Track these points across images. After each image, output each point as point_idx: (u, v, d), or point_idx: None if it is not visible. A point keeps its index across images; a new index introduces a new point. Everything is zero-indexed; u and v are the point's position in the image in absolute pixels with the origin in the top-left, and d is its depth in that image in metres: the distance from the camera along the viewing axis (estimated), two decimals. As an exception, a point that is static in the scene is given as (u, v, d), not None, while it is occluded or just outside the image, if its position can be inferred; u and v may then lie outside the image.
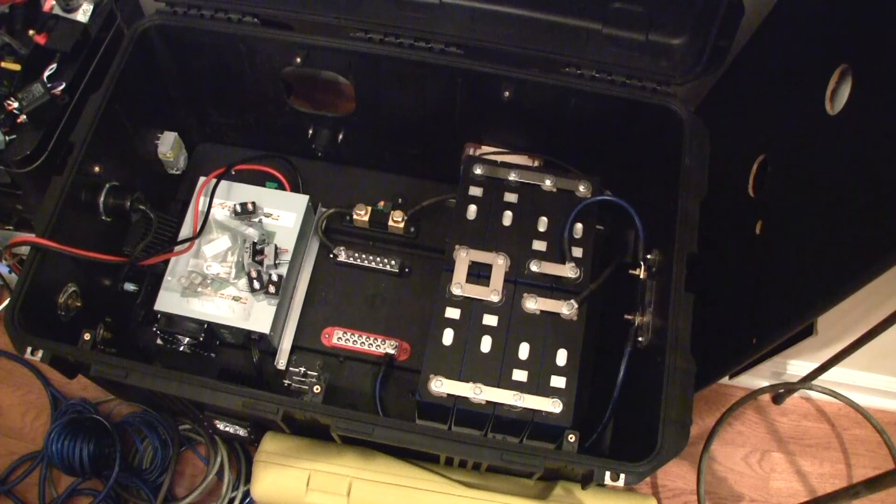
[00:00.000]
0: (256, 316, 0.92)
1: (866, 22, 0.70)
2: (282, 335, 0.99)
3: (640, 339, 0.85)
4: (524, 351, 0.82)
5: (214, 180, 0.99)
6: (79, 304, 0.87)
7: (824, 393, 1.08)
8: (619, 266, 0.91)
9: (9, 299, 0.79)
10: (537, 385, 0.81)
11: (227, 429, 0.92)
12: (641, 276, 0.87)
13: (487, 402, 0.80)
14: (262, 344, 0.96)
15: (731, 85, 0.95)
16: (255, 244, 0.94)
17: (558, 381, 0.81)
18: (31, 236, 0.80)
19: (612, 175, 0.95)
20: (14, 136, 0.85)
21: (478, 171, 0.91)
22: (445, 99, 0.95)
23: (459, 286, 0.85)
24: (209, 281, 0.93)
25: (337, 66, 0.95)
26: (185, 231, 0.96)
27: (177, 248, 0.94)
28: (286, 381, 0.97)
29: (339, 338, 0.99)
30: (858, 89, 0.69)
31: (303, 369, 0.97)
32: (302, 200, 0.99)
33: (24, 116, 0.85)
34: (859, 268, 0.63)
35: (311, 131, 1.05)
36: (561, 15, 0.90)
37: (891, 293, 0.81)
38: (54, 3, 0.91)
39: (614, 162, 0.97)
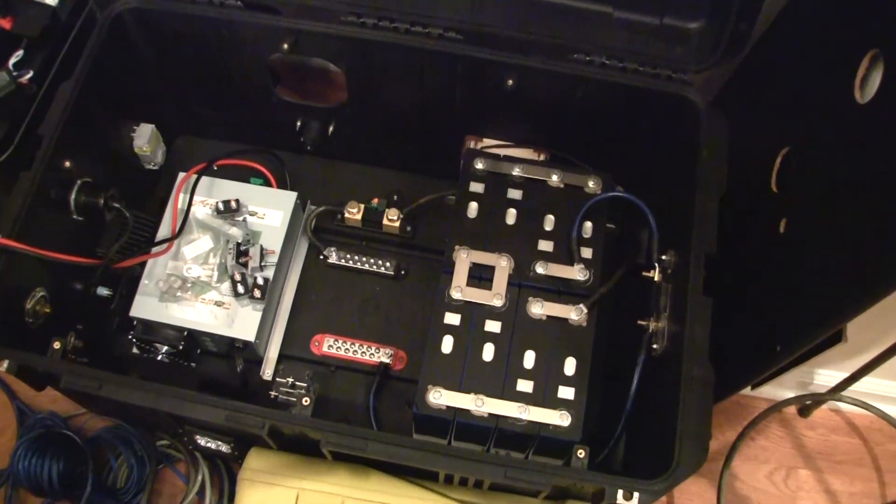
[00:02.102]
0: (241, 322, 0.92)
1: (898, 3, 0.70)
2: (268, 343, 0.98)
3: (654, 346, 0.85)
4: (529, 359, 0.82)
5: (195, 176, 0.99)
6: (48, 311, 0.87)
7: (855, 405, 1.07)
8: (632, 268, 0.91)
9: (-28, 305, 0.79)
10: (544, 396, 0.80)
11: (208, 444, 0.91)
12: (656, 279, 0.87)
13: (490, 414, 0.80)
14: (247, 353, 0.95)
15: (753, 72, 0.95)
16: (238, 245, 0.94)
17: (566, 392, 0.81)
18: (-4, 236, 0.80)
19: (623, 170, 0.95)
20: (-22, 129, 0.85)
21: (479, 165, 0.91)
22: (444, 88, 0.95)
23: (459, 290, 0.85)
24: (189, 285, 0.93)
25: (327, 53, 0.95)
26: (164, 231, 0.96)
27: (154, 250, 0.94)
28: (273, 393, 0.97)
29: (330, 346, 0.99)
30: (890, 76, 0.69)
31: (291, 380, 0.97)
32: (290, 198, 0.99)
33: (-11, 107, 0.85)
34: (892, 269, 0.63)
35: (299, 123, 1.05)
36: (568, -3, 0.90)
37: (925, 296, 0.80)
38: (22, -15, 0.91)
39: (626, 156, 0.97)
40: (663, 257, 0.87)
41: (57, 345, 0.82)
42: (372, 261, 1.03)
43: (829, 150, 0.77)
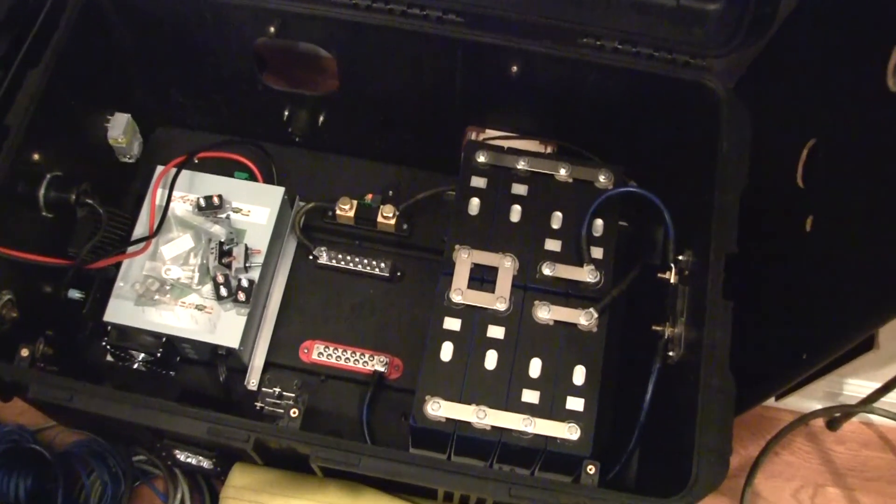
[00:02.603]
0: (223, 328, 0.92)
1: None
2: (253, 350, 0.98)
3: (670, 353, 0.85)
4: (535, 368, 0.82)
5: (174, 170, 0.99)
6: (15, 315, 0.87)
7: (888, 417, 1.07)
8: (646, 269, 0.91)
9: (-66, 309, 0.79)
10: (551, 408, 0.81)
11: (188, 460, 0.91)
12: (672, 281, 0.87)
13: (493, 427, 0.80)
14: (231, 360, 0.95)
15: (776, 58, 0.95)
16: (221, 244, 0.94)
17: (575, 403, 0.81)
18: (-41, 235, 0.80)
19: (637, 163, 0.95)
20: (-61, 119, 0.85)
21: (481, 158, 0.91)
22: (443, 75, 0.95)
23: (460, 293, 0.85)
24: (168, 287, 0.93)
25: (317, 37, 0.95)
26: (140, 229, 0.96)
27: (130, 249, 0.94)
28: (258, 404, 0.97)
29: (321, 353, 0.99)
30: (925, 62, 0.69)
31: (278, 390, 0.97)
32: (276, 193, 0.99)
33: (-48, 95, 0.85)
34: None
35: (287, 113, 1.05)
36: (578, -24, 0.90)
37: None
38: (-14, -37, 0.91)
39: (640, 148, 0.97)
40: (680, 257, 0.87)
41: (25, 352, 0.82)
42: (365, 261, 1.03)
43: (859, 141, 0.77)
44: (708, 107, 0.88)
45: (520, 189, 0.90)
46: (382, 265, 1.03)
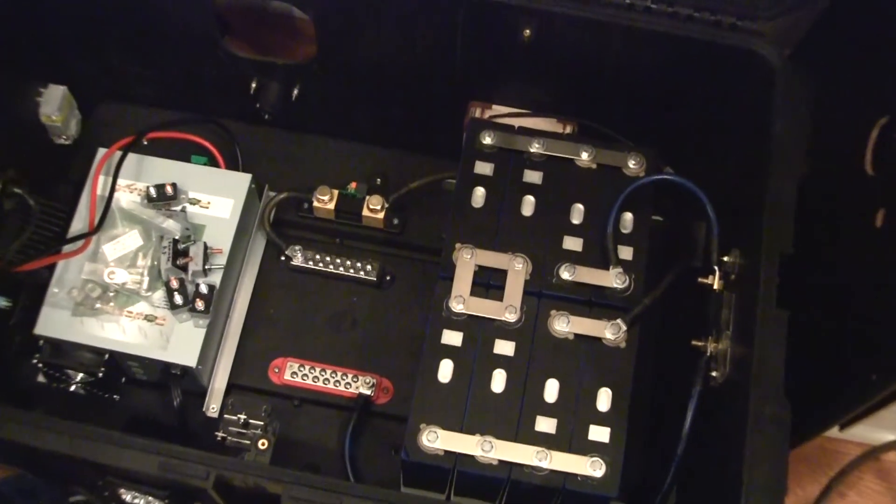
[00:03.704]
0: (178, 343, 0.92)
1: None
2: (214, 370, 0.99)
3: (713, 374, 0.85)
4: (552, 391, 0.82)
5: (119, 153, 0.99)
6: (-71, 327, 0.87)
7: (972, 450, 1.07)
8: (685, 272, 0.91)
9: None
10: (570, 439, 0.80)
11: (136, 501, 0.91)
12: (716, 287, 0.87)
13: (500, 462, 0.80)
14: (187, 382, 0.95)
15: (842, 20, 0.95)
16: (176, 242, 0.94)
17: (600, 434, 0.81)
18: None
19: (674, 146, 0.95)
20: None
21: (487, 140, 0.91)
22: (442, 41, 0.95)
23: (461, 300, 0.85)
24: (112, 294, 0.93)
25: (290, -6, 0.96)
26: (79, 224, 0.96)
27: (66, 249, 0.94)
28: (220, 434, 0.97)
29: (294, 373, 0.99)
30: None
31: (243, 417, 0.97)
32: (242, 182, 0.99)
33: None
34: None
35: (254, 85, 1.05)
36: (603, -78, 0.90)
37: None
38: None
39: (677, 128, 0.97)
40: (725, 259, 0.87)
41: (-60, 371, 0.82)
42: (348, 263, 1.03)
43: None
44: (759, 78, 0.88)
45: (533, 177, 0.90)
46: (368, 268, 1.03)
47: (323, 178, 1.05)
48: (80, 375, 0.94)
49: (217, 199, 0.98)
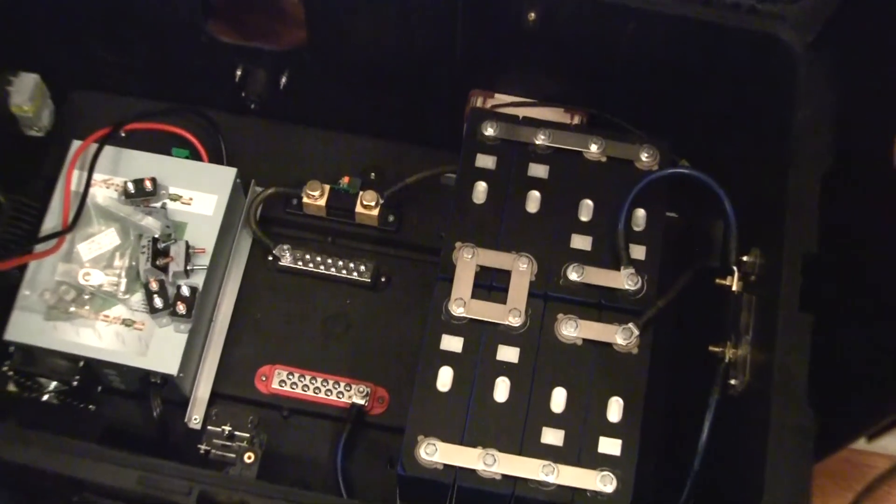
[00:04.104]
0: (158, 349, 0.92)
1: None
2: (196, 378, 0.98)
3: (732, 381, 0.85)
4: (559, 400, 0.82)
5: (95, 145, 0.99)
6: None
7: None
8: (702, 273, 0.91)
9: None
10: (579, 451, 0.81)
11: (113, 518, 0.91)
12: (734, 289, 0.87)
13: (504, 476, 0.80)
14: (168, 391, 0.95)
15: (867, 4, 0.95)
16: (156, 241, 0.94)
17: (610, 446, 0.81)
18: None
19: (689, 137, 0.95)
20: None
21: (489, 131, 0.91)
22: (441, 24, 0.95)
23: (462, 303, 0.85)
24: (87, 297, 0.93)
25: (278, -25, 0.96)
26: (52, 222, 0.96)
27: (37, 249, 0.94)
28: (203, 447, 0.97)
29: (283, 381, 0.99)
30: None
31: (228, 429, 0.97)
32: (226, 176, 0.99)
33: None
34: None
35: (240, 73, 1.05)
36: None
37: None
38: None
39: (692, 118, 0.97)
40: (744, 258, 0.87)
41: None
42: (340, 263, 1.03)
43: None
44: (780, 65, 0.88)
45: (539, 170, 0.90)
46: (362, 268, 1.03)
47: (313, 173, 1.05)
48: (54, 384, 0.94)
49: (200, 194, 0.98)
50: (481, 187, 0.90)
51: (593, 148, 0.91)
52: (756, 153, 0.92)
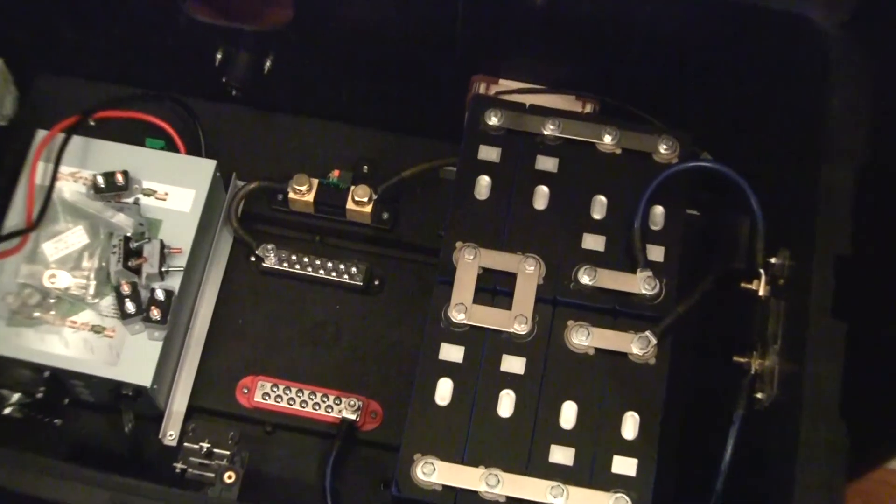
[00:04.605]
0: (130, 358, 0.92)
1: None
2: (172, 390, 0.98)
3: (758, 395, 0.85)
4: (569, 415, 0.82)
5: (62, 135, 0.99)
6: None
7: None
8: (725, 276, 0.91)
9: None
10: (591, 471, 0.80)
11: (81, 543, 0.91)
12: (761, 293, 0.87)
13: (508, 498, 0.80)
14: (141, 404, 0.95)
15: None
16: (128, 240, 0.94)
17: (625, 465, 0.81)
18: None
19: (711, 127, 0.95)
20: None
21: (493, 120, 0.91)
22: (441, 3, 0.95)
23: (463, 309, 0.85)
24: (53, 301, 0.93)
25: (263, -51, 0.96)
26: (14, 219, 0.96)
27: (-1, 247, 0.94)
28: (179, 465, 0.97)
29: (266, 394, 0.99)
30: None
31: (206, 446, 0.97)
32: (205, 169, 0.99)
33: None
34: None
35: (220, 56, 1.05)
36: None
37: None
38: None
39: (715, 106, 0.97)
40: (772, 260, 0.87)
41: None
42: (330, 265, 1.03)
43: None
44: (811, 49, 0.88)
45: (547, 163, 0.90)
46: (354, 270, 1.03)
47: (300, 165, 1.04)
48: (17, 396, 0.94)
49: (176, 189, 0.98)
50: (484, 182, 0.90)
51: (607, 139, 0.91)
52: (785, 145, 0.92)
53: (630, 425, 0.82)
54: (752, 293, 0.88)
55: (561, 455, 0.81)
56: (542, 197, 0.89)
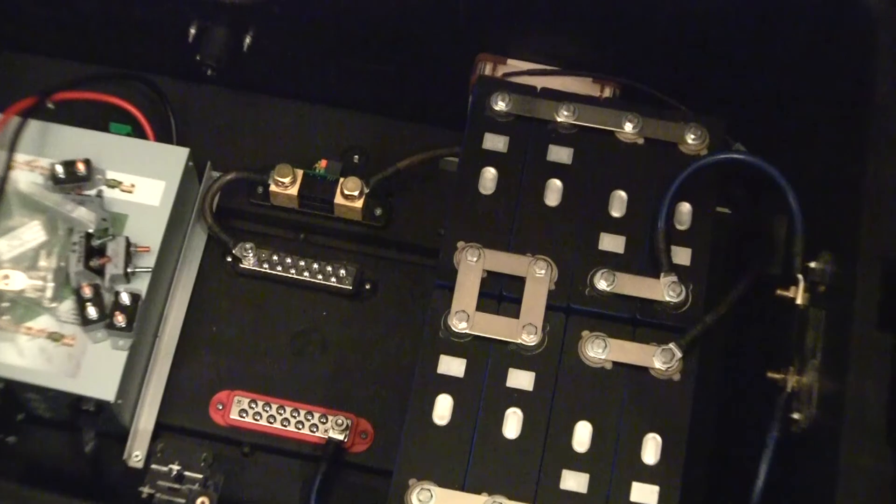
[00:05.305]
0: (92, 369, 0.92)
1: None
2: (138, 405, 0.99)
3: (794, 416, 0.85)
4: (583, 437, 0.83)
5: (17, 119, 0.99)
6: None
7: None
8: (759, 282, 0.91)
9: None
10: (607, 500, 0.81)
11: (35, 576, 0.92)
12: (799, 302, 0.87)
13: (515, 529, 0.80)
14: (103, 420, 0.96)
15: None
16: (89, 237, 0.95)
17: (646, 494, 0.81)
18: None
19: (744, 115, 0.95)
20: None
21: (500, 104, 0.92)
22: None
23: (465, 317, 0.85)
24: (6, 304, 0.93)
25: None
26: (-38, 212, 0.96)
27: (-54, 244, 0.94)
28: (145, 490, 0.97)
29: (244, 411, 1.00)
30: None
31: (176, 468, 0.97)
32: (177, 158, 1.00)
33: None
34: None
35: (193, 31, 1.05)
36: None
37: None
38: None
39: (747, 93, 0.97)
40: (812, 265, 0.87)
41: None
42: (315, 266, 1.04)
43: None
44: (856, 29, 0.88)
45: (561, 154, 0.91)
46: (342, 273, 1.03)
47: (283, 154, 1.05)
48: (-36, 411, 0.94)
49: (143, 180, 0.98)
50: (489, 174, 0.90)
51: (628, 127, 0.91)
52: (827, 136, 0.92)
53: (651, 449, 0.82)
54: (788, 301, 0.88)
55: (573, 482, 0.81)
56: (554, 192, 0.90)
